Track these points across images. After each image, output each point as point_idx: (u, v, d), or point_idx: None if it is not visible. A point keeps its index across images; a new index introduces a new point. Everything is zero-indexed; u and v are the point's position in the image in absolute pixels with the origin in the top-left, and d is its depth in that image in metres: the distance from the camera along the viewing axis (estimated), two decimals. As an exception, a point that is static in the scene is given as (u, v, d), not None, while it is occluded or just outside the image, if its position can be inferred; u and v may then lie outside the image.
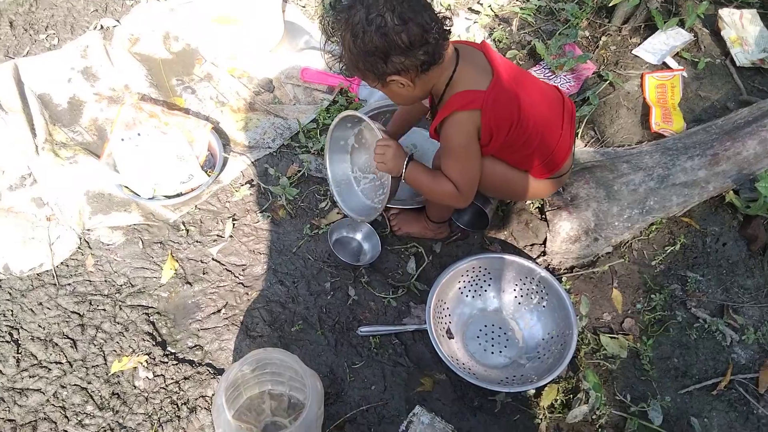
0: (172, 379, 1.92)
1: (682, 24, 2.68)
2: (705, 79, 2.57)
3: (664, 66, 2.61)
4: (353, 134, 2.12)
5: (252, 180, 2.37)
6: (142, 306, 2.07)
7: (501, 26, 2.81)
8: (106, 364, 1.95)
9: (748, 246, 2.17)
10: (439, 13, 1.60)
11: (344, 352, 1.99)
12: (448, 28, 1.61)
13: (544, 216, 2.26)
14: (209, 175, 2.34)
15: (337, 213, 2.27)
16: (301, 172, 2.38)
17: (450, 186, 1.77)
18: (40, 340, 1.98)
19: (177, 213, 2.28)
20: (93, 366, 1.94)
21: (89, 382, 1.91)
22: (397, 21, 1.50)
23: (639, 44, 2.68)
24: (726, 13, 2.68)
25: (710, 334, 2.03)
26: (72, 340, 1.99)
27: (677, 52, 2.63)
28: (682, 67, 2.58)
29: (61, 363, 1.94)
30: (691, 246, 2.19)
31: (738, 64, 2.58)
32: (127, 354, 1.96)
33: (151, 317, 2.05)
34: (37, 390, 1.89)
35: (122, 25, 2.80)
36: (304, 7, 2.90)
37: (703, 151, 2.23)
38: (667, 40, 2.66)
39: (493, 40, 2.76)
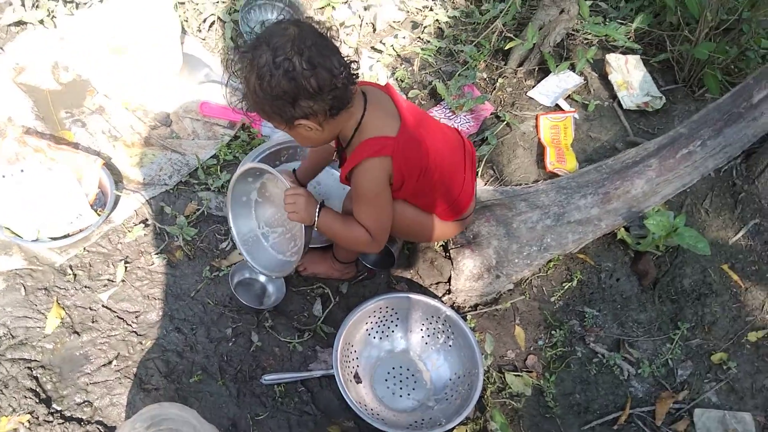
0: (57, 439, 1.77)
1: (573, 68, 2.82)
2: (595, 120, 2.70)
3: (557, 108, 2.73)
4: (255, 188, 2.05)
5: (146, 219, 2.26)
6: (24, 359, 1.90)
7: (403, 66, 2.85)
8: (-20, 426, 1.77)
9: (640, 281, 2.28)
10: (347, 56, 1.59)
11: (247, 403, 1.90)
12: (355, 72, 1.60)
13: (448, 254, 2.28)
14: (99, 215, 2.21)
15: (239, 254, 2.20)
16: (200, 211, 2.29)
17: (363, 232, 1.76)
18: None
19: (64, 256, 2.13)
20: (-35, 429, 1.76)
21: (-40, 448, 1.73)
22: (306, 65, 1.47)
23: (533, 86, 2.79)
24: (613, 59, 2.84)
25: (609, 369, 2.11)
26: (-60, 400, 1.80)
27: (569, 95, 2.76)
28: (573, 109, 2.70)
29: (-74, 427, 1.75)
30: (587, 282, 2.28)
31: (624, 106, 2.73)
32: (7, 414, 1.79)
33: (34, 371, 1.88)
34: None
35: (6, 53, 2.62)
36: (204, 39, 2.83)
37: (595, 189, 2.33)
38: (560, 83, 2.78)
39: (396, 79, 2.79)
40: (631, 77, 2.79)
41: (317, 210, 1.78)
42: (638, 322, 2.21)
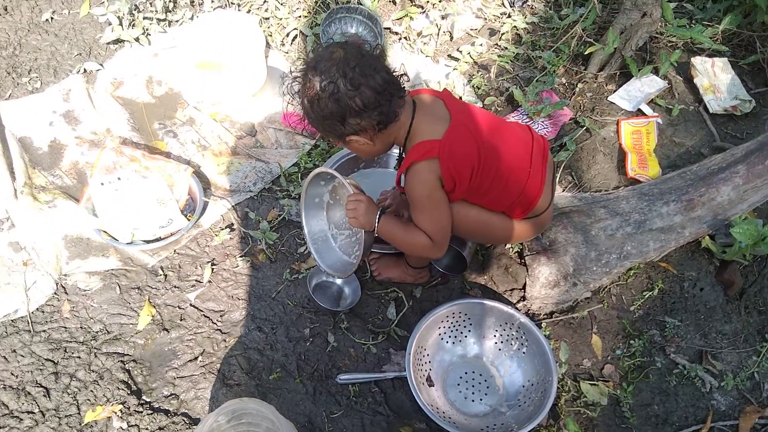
0: (147, 429, 1.88)
1: (656, 72, 2.74)
2: (679, 125, 2.62)
3: (639, 112, 2.67)
4: (327, 191, 2.12)
5: (232, 224, 2.37)
6: (118, 353, 2.04)
7: (480, 73, 2.86)
8: (79, 413, 1.91)
9: (725, 291, 2.19)
10: (395, 71, 1.66)
11: (323, 401, 1.96)
12: (402, 86, 1.67)
13: (523, 261, 2.27)
14: (189, 220, 2.33)
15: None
16: (281, 217, 2.38)
17: (423, 237, 1.78)
18: (12, 388, 1.94)
19: (155, 258, 2.26)
20: (66, 416, 1.90)
21: (61, 433, 1.87)
22: (350, 87, 1.57)
23: (614, 91, 2.74)
24: (698, 62, 2.75)
25: (690, 381, 2.04)
26: (45, 388, 1.95)
27: (652, 99, 2.69)
28: (656, 114, 2.63)
29: (33, 413, 1.90)
30: (668, 291, 2.21)
31: (711, 110, 2.64)
32: (101, 403, 1.93)
33: (126, 365, 2.02)
34: (7, 441, 1.84)
35: (105, 69, 2.82)
36: (287, 53, 2.94)
37: (678, 196, 2.26)
38: (642, 87, 2.72)
39: (472, 86, 2.80)
40: (718, 80, 2.69)
41: (377, 216, 1.82)
42: (722, 333, 2.12)
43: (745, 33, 2.81)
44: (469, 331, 2.11)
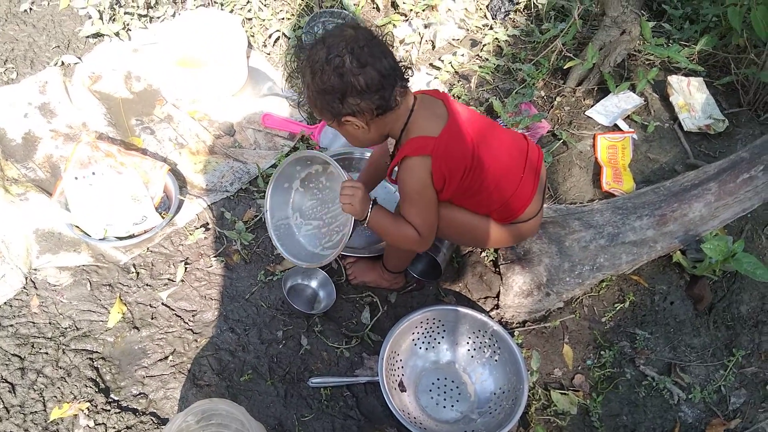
0: (114, 428, 1.85)
1: (633, 88, 2.79)
2: (654, 141, 2.67)
3: (616, 128, 2.71)
4: (299, 177, 2.09)
5: (207, 223, 2.35)
6: (87, 350, 2.01)
7: (460, 83, 2.89)
8: (45, 410, 1.87)
9: (695, 305, 2.23)
10: (401, 61, 1.64)
11: (294, 404, 1.95)
12: (407, 78, 1.65)
13: (498, 269, 2.29)
14: (163, 217, 2.31)
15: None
16: (257, 217, 2.37)
17: (411, 230, 1.77)
18: (-24, 383, 1.90)
19: (128, 255, 2.23)
20: (31, 413, 1.86)
21: (26, 430, 1.83)
22: (356, 64, 1.55)
23: (592, 106, 2.78)
24: (675, 80, 2.80)
25: (658, 392, 2.07)
26: (11, 384, 1.91)
27: (628, 115, 2.74)
28: (632, 130, 2.68)
29: (-4, 409, 1.86)
30: (639, 304, 2.24)
31: (685, 128, 2.69)
32: (68, 401, 1.89)
33: (95, 362, 1.98)
34: (-32, 437, 1.80)
35: (83, 63, 2.79)
36: (268, 54, 2.93)
37: (651, 211, 2.29)
38: (619, 103, 2.76)
39: (453, 95, 2.82)
40: (693, 99, 2.75)
41: (371, 205, 1.81)
42: (691, 346, 2.16)
43: (720, 54, 2.88)
44: (443, 337, 2.12)
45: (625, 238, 2.26)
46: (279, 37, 2.97)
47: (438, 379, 2.08)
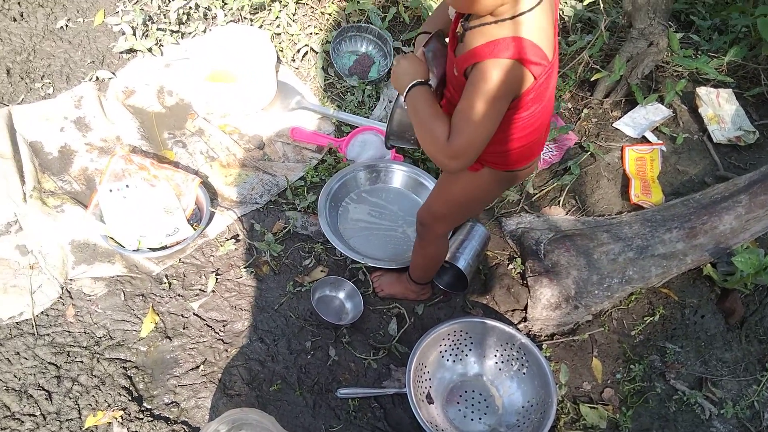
0: (146, 436, 1.89)
1: (661, 100, 2.78)
2: (683, 153, 2.65)
3: (644, 140, 2.70)
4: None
5: (237, 235, 2.39)
6: (120, 359, 2.05)
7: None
8: (80, 418, 1.91)
9: (726, 319, 2.20)
10: None
11: (322, 414, 1.97)
12: None
13: (525, 282, 2.29)
14: (195, 229, 2.35)
15: (321, 271, 2.28)
16: (286, 229, 2.40)
17: (444, 131, 1.40)
18: (15, 390, 1.94)
19: (160, 266, 2.28)
20: (67, 420, 1.91)
21: (60, 437, 1.87)
22: None
23: (619, 118, 2.77)
24: (703, 92, 2.78)
25: (689, 407, 2.04)
26: (47, 392, 1.95)
27: (656, 127, 2.72)
28: (661, 142, 2.66)
29: (34, 415, 1.90)
30: (669, 317, 2.22)
31: (715, 140, 2.67)
32: (103, 408, 1.93)
33: (128, 371, 2.02)
34: (6, 443, 1.85)
35: (117, 78, 2.85)
36: (297, 68, 2.98)
37: (681, 223, 2.28)
38: (647, 115, 2.75)
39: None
40: (722, 111, 2.73)
41: (414, 82, 1.48)
42: (723, 361, 2.13)
43: (750, 65, 2.85)
44: (470, 349, 2.12)
45: (654, 251, 2.24)
46: (307, 51, 3.01)
47: (466, 392, 2.08)
